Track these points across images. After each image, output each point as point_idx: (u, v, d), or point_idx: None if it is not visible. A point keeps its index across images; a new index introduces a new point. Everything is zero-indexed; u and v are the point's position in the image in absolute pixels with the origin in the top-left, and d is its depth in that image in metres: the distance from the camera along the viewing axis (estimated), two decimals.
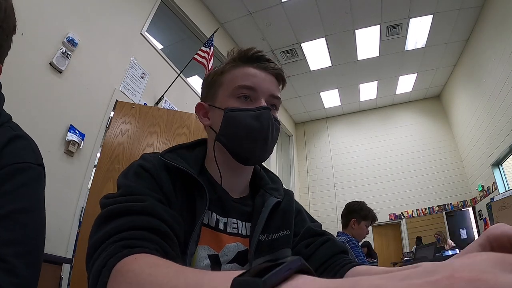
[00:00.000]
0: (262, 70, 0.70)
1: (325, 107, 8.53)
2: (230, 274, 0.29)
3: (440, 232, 5.91)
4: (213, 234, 0.65)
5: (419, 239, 6.69)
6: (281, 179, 1.04)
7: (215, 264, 0.63)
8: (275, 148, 0.76)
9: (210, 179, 0.70)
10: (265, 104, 0.67)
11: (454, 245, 5.54)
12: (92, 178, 2.84)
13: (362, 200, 2.44)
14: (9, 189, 0.54)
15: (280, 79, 0.73)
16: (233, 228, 0.68)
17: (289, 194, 0.79)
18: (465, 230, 6.37)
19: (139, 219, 0.47)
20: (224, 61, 0.74)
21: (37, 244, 0.56)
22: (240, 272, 0.25)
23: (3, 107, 0.68)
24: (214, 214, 0.66)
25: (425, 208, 7.40)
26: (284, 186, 0.82)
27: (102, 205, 0.53)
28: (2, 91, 0.69)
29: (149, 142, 2.63)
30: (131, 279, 0.35)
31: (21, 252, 0.51)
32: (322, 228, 0.78)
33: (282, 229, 0.71)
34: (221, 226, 0.66)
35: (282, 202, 0.74)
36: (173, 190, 0.61)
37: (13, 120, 0.68)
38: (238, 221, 0.69)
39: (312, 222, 0.79)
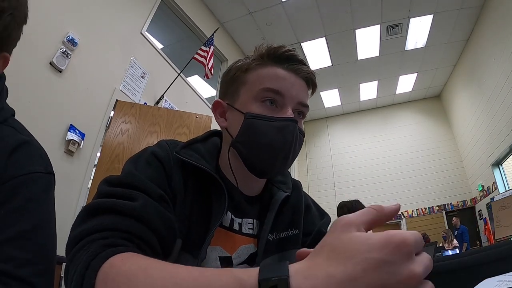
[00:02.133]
0: (292, 73, 0.62)
1: (325, 106, 8.53)
2: (229, 271, 0.30)
3: (447, 230, 5.92)
4: (227, 235, 0.61)
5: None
6: None
7: (226, 266, 0.60)
8: None
9: (223, 177, 0.65)
10: (291, 113, 0.60)
11: (458, 245, 5.54)
12: (92, 177, 2.84)
13: (356, 199, 2.43)
14: (18, 205, 0.53)
15: (311, 84, 0.65)
16: (249, 228, 0.64)
17: (297, 187, 0.74)
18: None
19: (123, 221, 0.45)
20: (250, 56, 0.65)
21: (52, 259, 0.56)
22: (238, 269, 0.30)
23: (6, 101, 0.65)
24: (229, 213, 0.62)
25: (425, 208, 7.41)
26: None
27: (99, 190, 0.51)
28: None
29: (149, 142, 2.64)
30: (125, 284, 0.33)
31: (39, 271, 0.52)
32: (330, 223, 0.75)
33: (291, 228, 0.67)
34: (236, 227, 0.63)
35: (291, 197, 0.70)
36: (184, 187, 0.57)
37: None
38: (254, 220, 0.66)
39: (322, 219, 0.75)
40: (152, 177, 0.54)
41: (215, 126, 0.70)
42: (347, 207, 2.37)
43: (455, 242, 5.60)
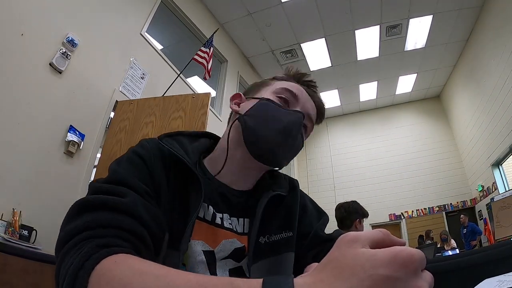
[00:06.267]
0: (309, 95, 0.73)
1: (325, 107, 8.53)
2: (230, 282, 0.30)
3: (446, 232, 5.94)
4: (208, 229, 0.61)
5: (421, 237, 6.69)
6: None
7: (210, 260, 0.59)
8: None
9: (205, 171, 0.66)
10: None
11: (455, 246, 5.54)
12: (92, 178, 2.84)
13: (354, 200, 2.42)
14: None
15: (320, 113, 0.75)
16: (229, 223, 0.64)
17: (294, 186, 0.74)
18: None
19: (115, 217, 0.44)
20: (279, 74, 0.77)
21: None
22: (236, 278, 0.30)
23: None
24: (210, 208, 0.62)
25: (425, 209, 7.41)
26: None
27: (89, 188, 0.51)
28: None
29: (144, 134, 2.59)
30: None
31: None
32: (327, 223, 0.75)
33: (284, 230, 0.66)
34: (218, 221, 0.62)
35: (286, 198, 0.70)
36: (166, 180, 0.58)
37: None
38: (233, 218, 0.65)
39: (320, 219, 0.74)
40: (136, 174, 0.54)
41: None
42: (344, 207, 2.36)
43: (453, 243, 5.60)
